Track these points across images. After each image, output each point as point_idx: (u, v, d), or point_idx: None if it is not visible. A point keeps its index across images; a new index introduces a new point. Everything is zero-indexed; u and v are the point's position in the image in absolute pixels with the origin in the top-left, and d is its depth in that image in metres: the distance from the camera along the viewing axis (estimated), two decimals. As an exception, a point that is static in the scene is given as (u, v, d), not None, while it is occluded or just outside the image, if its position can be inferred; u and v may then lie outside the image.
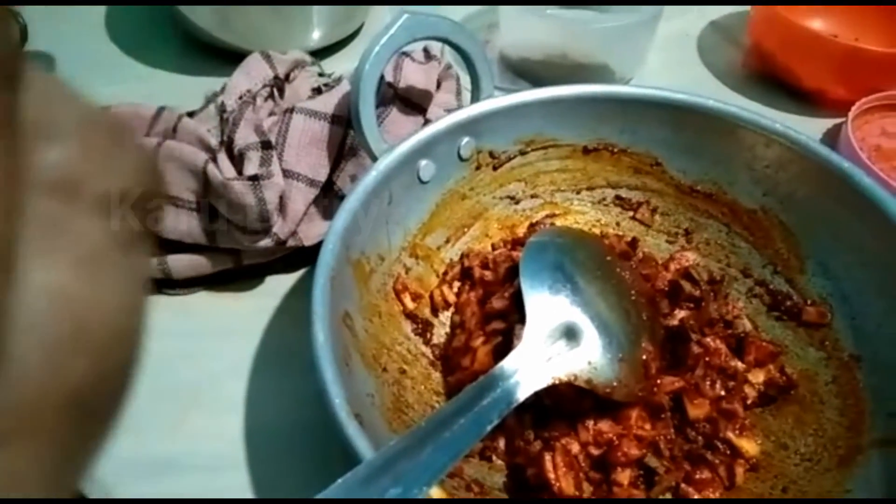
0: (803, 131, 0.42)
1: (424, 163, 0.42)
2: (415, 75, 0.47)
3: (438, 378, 0.41)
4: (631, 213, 0.48)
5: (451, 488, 0.34)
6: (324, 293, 0.33)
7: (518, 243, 0.46)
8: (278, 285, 0.46)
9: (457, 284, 0.45)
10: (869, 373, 0.37)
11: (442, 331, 0.43)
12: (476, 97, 0.45)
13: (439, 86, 0.50)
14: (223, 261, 0.44)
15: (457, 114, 0.43)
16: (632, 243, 0.46)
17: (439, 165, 0.43)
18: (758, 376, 0.40)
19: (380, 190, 0.39)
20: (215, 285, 0.45)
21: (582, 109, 0.45)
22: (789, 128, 0.42)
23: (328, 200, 0.45)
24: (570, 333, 0.36)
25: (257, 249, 0.43)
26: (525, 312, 0.36)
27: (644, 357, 0.38)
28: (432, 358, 0.41)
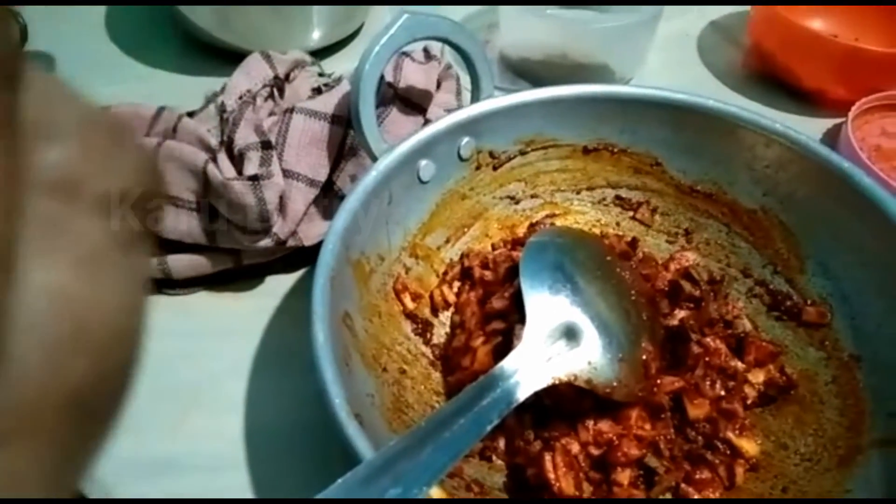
0: (803, 131, 0.42)
1: (424, 163, 0.42)
2: (415, 75, 0.47)
3: (438, 378, 0.41)
4: (631, 213, 0.48)
5: (451, 488, 0.34)
6: (324, 293, 0.33)
7: (518, 243, 0.46)
8: (278, 285, 0.46)
9: (457, 284, 0.45)
10: (869, 373, 0.37)
11: (442, 331, 0.43)
12: (476, 97, 0.45)
13: (439, 86, 0.50)
14: (223, 261, 0.44)
15: (457, 114, 0.43)
16: (632, 243, 0.46)
17: (439, 165, 0.43)
18: (758, 376, 0.40)
19: (380, 190, 0.39)
20: (215, 285, 0.45)
21: (582, 109, 0.45)
22: (789, 128, 0.42)
23: (328, 200, 0.45)
24: (570, 333, 0.36)
25: (257, 249, 0.43)
26: (525, 312, 0.36)
27: (644, 357, 0.38)
28: (432, 358, 0.41)
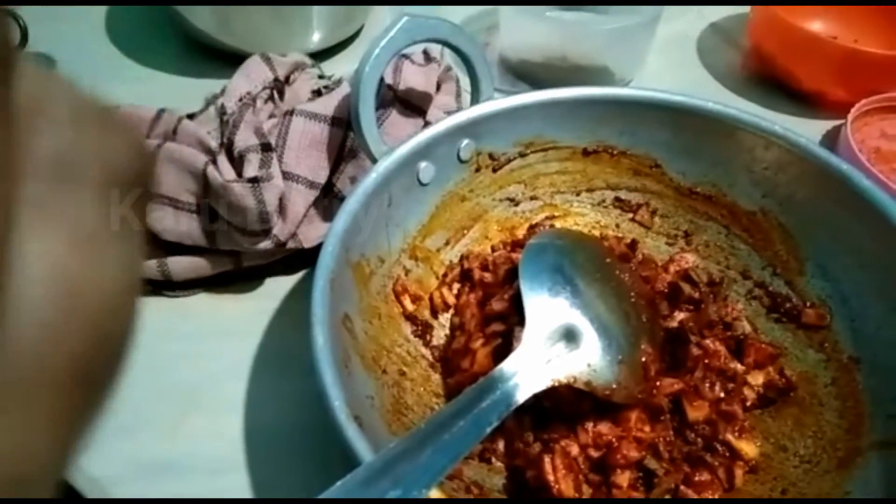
0: (803, 133, 0.42)
1: (424, 165, 0.42)
2: (414, 77, 0.47)
3: (438, 380, 0.41)
4: (630, 215, 0.48)
5: (451, 490, 0.34)
6: (323, 295, 0.33)
7: (518, 245, 0.46)
8: (278, 287, 0.46)
9: (456, 286, 0.45)
10: (868, 375, 0.37)
11: (441, 333, 0.43)
12: (476, 99, 0.45)
13: (439, 88, 0.50)
14: (223, 263, 0.44)
15: (456, 116, 0.43)
16: (631, 245, 0.46)
17: (439, 167, 0.43)
18: (757, 378, 0.40)
19: (379, 192, 0.39)
20: (215, 287, 0.45)
21: (581, 111, 0.45)
22: (789, 130, 0.42)
23: (328, 202, 0.45)
24: (569, 335, 0.36)
25: (257, 251, 0.43)
26: (525, 314, 0.36)
27: (643, 359, 0.38)
28: (432, 360, 0.41)
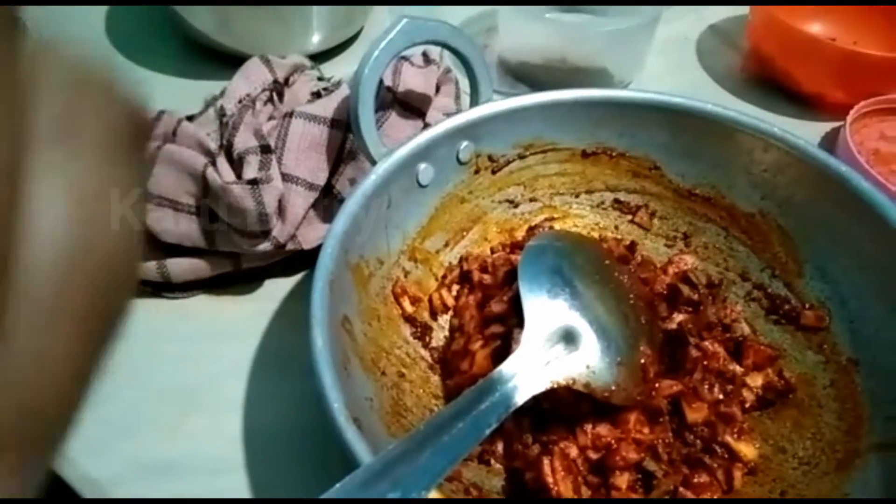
0: (802, 135, 0.42)
1: (423, 167, 0.42)
2: (414, 79, 0.47)
3: (437, 381, 0.41)
4: (629, 217, 0.48)
5: (450, 492, 0.34)
6: (322, 297, 0.33)
7: (517, 247, 0.46)
8: (277, 289, 0.46)
9: (456, 288, 0.45)
10: (867, 377, 0.37)
11: (441, 334, 0.43)
12: (475, 101, 0.45)
13: (438, 90, 0.50)
14: (222, 264, 0.44)
15: (456, 118, 0.43)
16: (630, 247, 0.46)
17: (438, 169, 0.43)
18: (756, 380, 0.40)
19: (379, 194, 0.39)
20: (214, 289, 0.45)
21: (581, 113, 0.46)
22: (787, 132, 0.42)
23: (327, 204, 0.45)
24: (568, 337, 0.36)
25: (256, 253, 0.43)
26: (524, 316, 0.36)
27: (642, 361, 0.38)
28: (431, 361, 0.41)
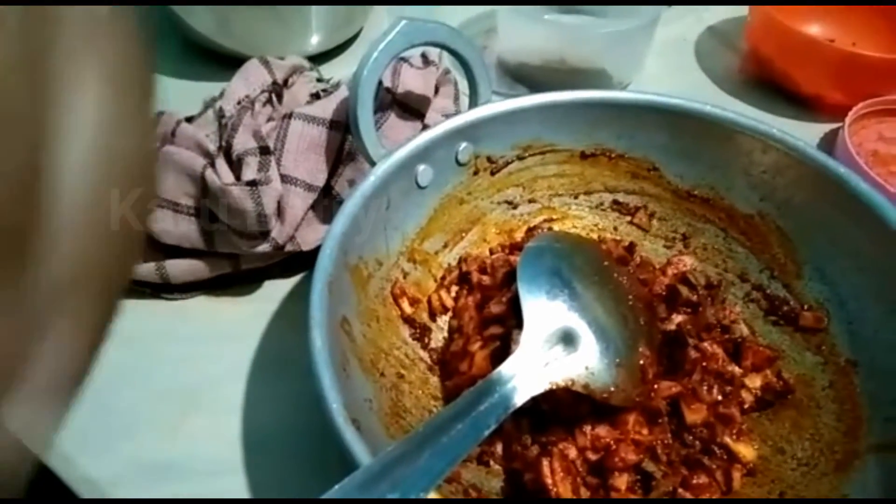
0: (800, 136, 0.42)
1: (422, 168, 0.42)
2: (413, 81, 0.47)
3: (436, 383, 0.41)
4: (628, 218, 0.48)
5: (449, 493, 0.34)
6: (321, 298, 0.33)
7: (516, 248, 0.46)
8: (276, 290, 0.46)
9: (455, 289, 0.45)
10: (866, 378, 0.38)
11: (440, 335, 0.43)
12: (474, 102, 0.45)
13: (437, 91, 0.50)
14: (221, 265, 0.44)
15: (455, 119, 0.43)
16: (629, 248, 0.46)
17: (437, 170, 0.43)
18: (755, 381, 0.40)
19: (378, 195, 0.39)
20: (214, 290, 0.45)
21: (579, 115, 0.46)
22: (786, 133, 0.42)
23: (326, 205, 0.45)
24: (567, 338, 0.36)
25: (255, 254, 0.43)
26: (523, 317, 0.36)
27: (641, 362, 0.38)
28: (430, 362, 0.41)
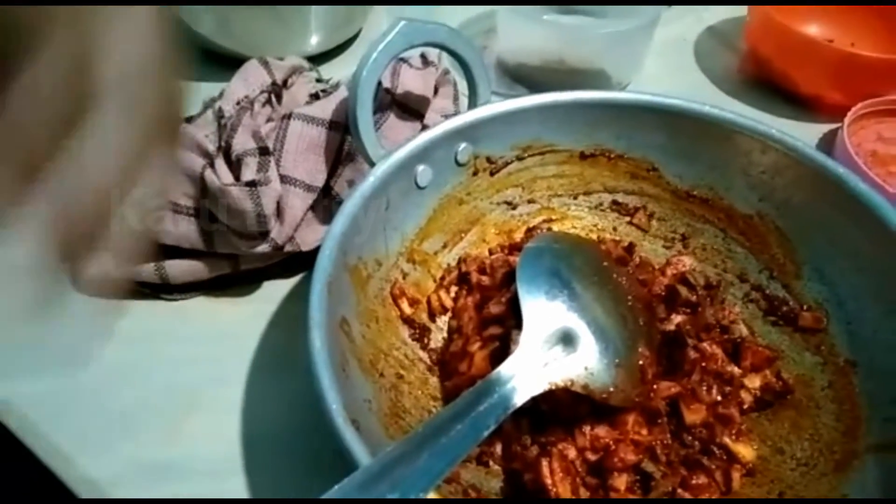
0: (799, 137, 0.42)
1: (422, 168, 0.42)
2: (412, 81, 0.47)
3: (435, 383, 0.41)
4: (628, 218, 0.48)
5: (449, 493, 0.34)
6: (321, 299, 0.33)
7: (515, 248, 0.46)
8: (276, 290, 0.46)
9: (454, 289, 0.45)
10: (865, 378, 0.38)
11: (439, 336, 0.43)
12: (473, 103, 0.46)
13: (437, 91, 0.50)
14: (221, 266, 0.44)
15: (454, 119, 0.43)
16: (628, 248, 0.46)
17: (436, 171, 0.43)
18: (754, 381, 0.40)
19: (377, 195, 0.39)
20: (213, 290, 0.45)
21: (579, 115, 0.46)
22: (785, 133, 0.42)
23: (326, 206, 0.45)
24: (566, 339, 0.36)
25: (255, 255, 0.43)
26: (522, 318, 0.36)
27: (640, 362, 0.38)
28: (429, 363, 0.41)
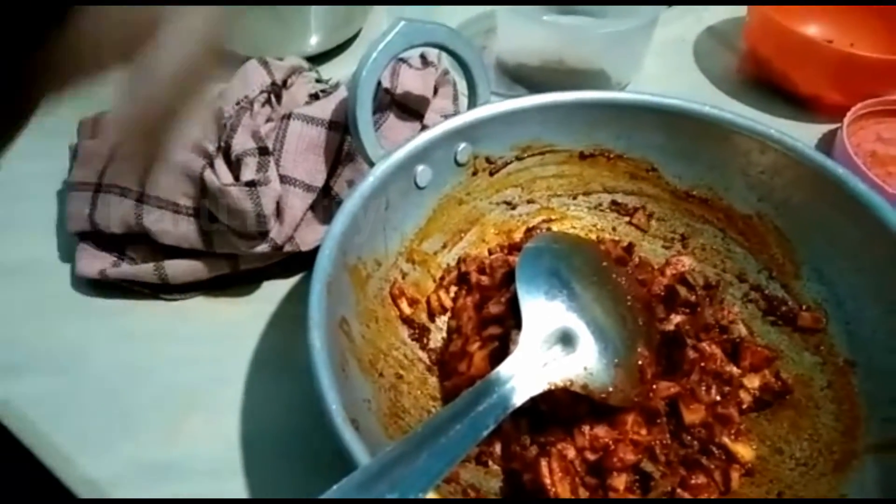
0: (798, 137, 0.42)
1: (421, 168, 0.42)
2: (412, 81, 0.48)
3: (435, 383, 0.41)
4: (627, 219, 0.48)
5: (448, 493, 0.34)
6: (320, 299, 0.33)
7: (515, 248, 0.46)
8: (275, 290, 0.46)
9: (453, 289, 0.45)
10: (863, 378, 0.38)
11: (438, 336, 0.43)
12: (473, 103, 0.46)
13: (436, 92, 0.50)
14: (220, 266, 0.44)
15: (453, 119, 0.43)
16: (628, 248, 0.46)
17: (436, 171, 0.43)
18: (753, 381, 0.40)
19: (377, 195, 0.39)
20: (212, 290, 0.45)
21: (578, 115, 0.46)
22: (784, 133, 0.42)
23: (325, 206, 0.45)
24: (566, 339, 0.36)
25: (254, 255, 0.43)
26: (521, 318, 0.36)
27: (640, 362, 0.38)
28: (429, 363, 0.42)
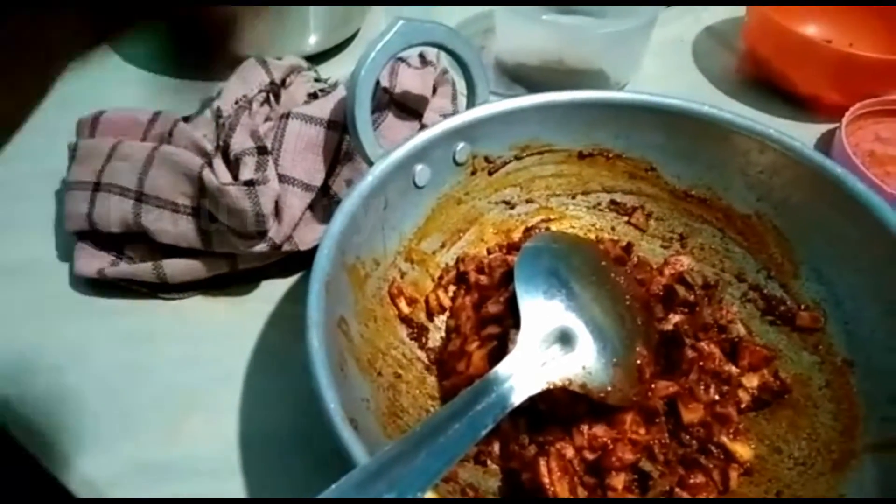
0: (797, 137, 0.42)
1: (420, 168, 0.42)
2: (411, 80, 0.48)
3: (433, 382, 0.41)
4: (626, 218, 0.48)
5: (447, 493, 0.34)
6: (319, 299, 0.33)
7: (513, 248, 0.46)
8: (274, 290, 0.46)
9: (452, 289, 0.45)
10: (862, 377, 0.38)
11: (437, 335, 0.43)
12: (472, 102, 0.46)
13: (435, 91, 0.50)
14: (219, 265, 0.44)
15: (452, 119, 0.43)
16: (626, 248, 0.46)
17: (435, 170, 0.43)
18: (752, 381, 0.40)
19: (375, 195, 0.39)
20: (211, 290, 0.45)
21: (577, 115, 0.46)
22: (783, 133, 0.42)
23: (324, 205, 0.45)
24: (564, 338, 0.36)
25: (253, 254, 0.43)
26: (520, 317, 0.36)
27: (638, 361, 0.38)
28: (427, 362, 0.41)
